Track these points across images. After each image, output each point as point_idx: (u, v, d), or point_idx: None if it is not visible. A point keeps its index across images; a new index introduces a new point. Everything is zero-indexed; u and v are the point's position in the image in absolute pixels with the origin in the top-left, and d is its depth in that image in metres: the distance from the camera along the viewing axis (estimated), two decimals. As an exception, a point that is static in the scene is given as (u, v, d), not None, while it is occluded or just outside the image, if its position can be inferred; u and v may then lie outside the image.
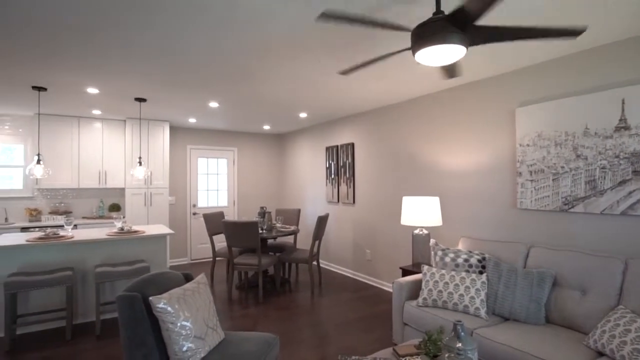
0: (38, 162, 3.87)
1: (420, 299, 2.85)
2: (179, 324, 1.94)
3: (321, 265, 6.24)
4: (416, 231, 3.66)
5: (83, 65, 3.15)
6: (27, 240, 3.49)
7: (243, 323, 3.74)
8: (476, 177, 3.68)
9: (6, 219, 5.25)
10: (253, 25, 2.36)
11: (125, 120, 5.72)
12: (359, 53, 2.86)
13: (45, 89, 3.88)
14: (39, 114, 4.22)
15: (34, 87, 3.82)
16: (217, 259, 6.74)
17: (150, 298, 1.94)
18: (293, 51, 2.83)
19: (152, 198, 5.75)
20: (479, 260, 2.92)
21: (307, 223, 6.72)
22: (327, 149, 6.10)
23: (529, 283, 2.55)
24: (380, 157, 4.98)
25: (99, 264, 3.76)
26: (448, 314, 2.67)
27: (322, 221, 4.82)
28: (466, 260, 2.94)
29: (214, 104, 4.68)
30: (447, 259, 3.02)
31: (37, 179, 5.13)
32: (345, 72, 2.23)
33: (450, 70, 2.32)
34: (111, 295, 3.95)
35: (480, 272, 2.88)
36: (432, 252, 3.17)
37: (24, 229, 4.87)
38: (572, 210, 2.86)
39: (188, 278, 2.45)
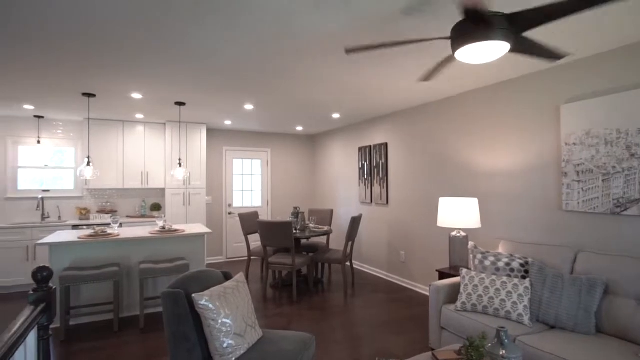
0: (88, 164, 4.12)
1: (458, 303, 2.78)
2: (220, 321, 2.00)
3: (354, 266, 6.22)
4: (453, 233, 3.57)
5: (128, 72, 3.32)
6: (79, 238, 3.73)
7: (278, 322, 3.80)
8: (517, 177, 3.53)
9: (59, 217, 5.63)
10: (288, 29, 2.39)
11: (165, 124, 5.97)
12: (389, 52, 2.83)
13: (94, 95, 4.12)
14: (88, 119, 4.50)
15: (84, 94, 4.07)
16: (251, 257, 6.88)
17: (193, 295, 2.01)
18: (326, 52, 2.84)
19: (190, 198, 5.97)
20: (521, 265, 2.80)
21: (340, 223, 6.72)
22: (360, 149, 6.07)
23: (577, 290, 2.41)
24: (415, 157, 4.90)
25: (142, 261, 3.96)
26: (489, 319, 2.59)
27: (355, 222, 4.80)
28: (507, 264, 2.83)
29: (249, 106, 4.79)
30: (487, 263, 2.92)
31: (86, 180, 5.47)
32: (350, 51, 2.11)
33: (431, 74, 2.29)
34: (154, 291, 4.14)
35: (523, 277, 2.77)
36: (471, 255, 3.08)
37: (75, 227, 5.20)
38: (624, 213, 2.68)
39: (227, 276, 2.52)
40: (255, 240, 6.91)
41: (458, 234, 3.54)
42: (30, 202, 5.48)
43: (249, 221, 5.48)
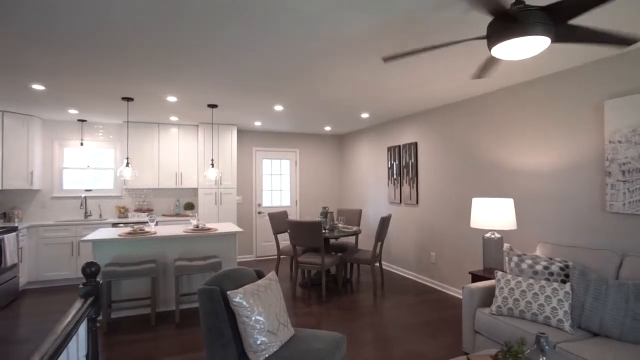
0: (127, 165, 4.32)
1: (493, 307, 2.70)
2: (253, 318, 2.05)
3: (383, 266, 6.16)
4: (487, 235, 3.47)
5: (164, 76, 3.46)
6: (119, 235, 3.91)
7: (307, 320, 3.83)
8: (555, 177, 3.38)
9: (100, 215, 5.93)
10: (318, 30, 2.41)
11: (198, 125, 6.16)
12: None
13: (132, 99, 4.32)
14: (127, 122, 4.71)
15: (123, 98, 4.27)
16: (281, 256, 6.97)
17: (228, 292, 2.07)
18: (357, 53, 2.84)
19: (221, 197, 6.13)
20: (561, 268, 2.69)
21: (369, 223, 6.69)
22: (389, 149, 6.01)
23: (624, 296, 2.29)
24: (446, 157, 4.79)
25: (177, 258, 4.10)
26: (526, 324, 2.50)
27: (384, 222, 4.77)
28: (546, 268, 2.72)
29: (278, 107, 4.86)
30: (524, 266, 2.82)
31: (125, 180, 5.73)
32: (388, 59, 2.11)
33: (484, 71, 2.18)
34: (188, 287, 4.28)
35: (563, 282, 2.65)
36: (506, 258, 2.98)
37: (114, 225, 5.46)
38: (677, 215, 2.51)
39: (259, 275, 2.57)
40: (284, 239, 7.00)
41: (492, 236, 3.44)
42: (74, 200, 5.80)
43: (279, 221, 5.56)
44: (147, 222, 5.58)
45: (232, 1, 2.03)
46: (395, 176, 5.86)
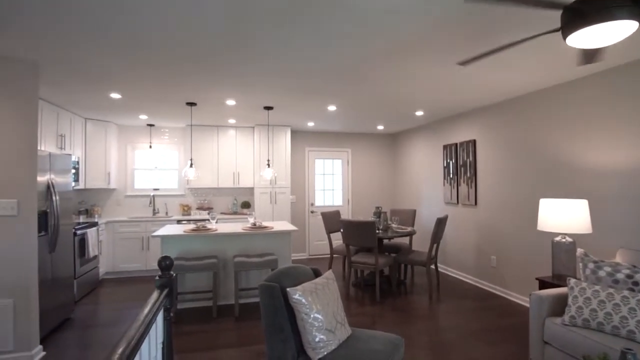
0: (191, 165, 4.60)
1: (566, 317, 2.50)
2: (312, 315, 2.09)
3: (439, 269, 5.96)
4: (557, 238, 3.22)
5: (225, 82, 3.64)
6: (184, 231, 4.19)
7: (361, 320, 3.82)
8: (639, 176, 3.05)
9: (166, 213, 6.39)
10: (376, 30, 2.39)
11: (254, 127, 6.40)
12: (481, 47, 2.65)
13: (195, 104, 4.60)
14: (191, 125, 5.02)
15: (187, 103, 4.56)
16: (333, 256, 7.03)
17: (288, 289, 2.13)
18: (412, 50, 2.77)
19: (276, 197, 6.31)
20: (647, 278, 2.41)
21: (423, 224, 6.50)
22: (445, 147, 5.80)
23: None
24: (508, 155, 4.52)
25: (236, 254, 4.30)
26: (606, 338, 2.28)
27: (441, 223, 4.61)
28: (629, 277, 2.46)
29: (332, 107, 4.89)
30: (602, 273, 2.57)
31: (188, 179, 6.11)
32: (464, 63, 2.06)
33: (590, 55, 1.97)
34: (246, 282, 4.46)
35: (650, 292, 2.38)
36: (580, 264, 2.74)
37: (179, 222, 5.85)
38: None
39: (316, 273, 2.61)
40: (337, 239, 7.03)
41: (563, 240, 3.18)
42: (144, 199, 6.31)
43: (331, 220, 5.60)
44: (208, 220, 5.91)
45: (293, 8, 2.09)
46: (451, 175, 5.64)
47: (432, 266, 5.87)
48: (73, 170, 4.98)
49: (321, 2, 2.04)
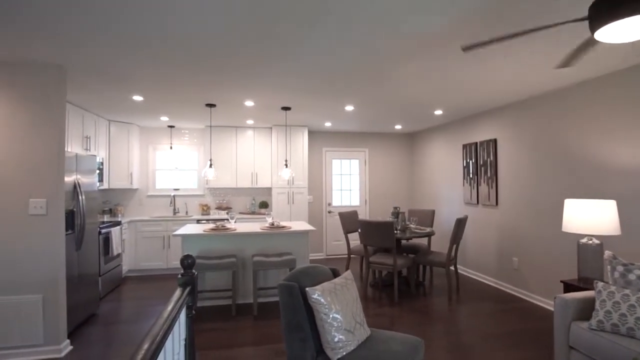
0: (210, 166, 4.67)
1: (593, 321, 2.42)
2: (331, 315, 2.09)
3: (458, 270, 5.86)
4: (583, 240, 3.11)
5: (243, 83, 3.68)
6: (204, 231, 4.26)
7: (380, 321, 3.79)
8: (673, 176, 2.92)
9: (186, 212, 6.51)
10: (395, 30, 2.37)
11: (271, 128, 6.45)
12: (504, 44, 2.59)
13: (215, 106, 4.67)
14: (210, 126, 5.10)
15: (207, 105, 4.64)
16: (351, 256, 7.02)
17: (307, 289, 2.14)
18: (434, 48, 2.74)
19: (293, 197, 6.34)
20: (681, 282, 2.31)
21: (441, 225, 6.41)
22: (464, 146, 5.70)
23: None
24: (530, 154, 4.40)
25: (255, 254, 4.34)
26: (636, 344, 2.19)
27: (461, 224, 4.54)
28: (661, 280, 2.36)
29: (349, 107, 4.88)
30: (632, 277, 2.48)
31: (207, 180, 6.21)
32: (467, 48, 1.96)
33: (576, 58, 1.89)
34: (264, 281, 4.50)
35: (684, 297, 2.28)
36: (608, 267, 2.65)
37: (198, 221, 5.95)
38: None
39: (335, 273, 2.61)
40: (354, 239, 7.01)
41: (589, 241, 3.08)
42: (165, 199, 6.44)
43: (349, 220, 5.59)
44: (227, 219, 5.99)
45: (312, 8, 2.10)
46: (471, 175, 5.54)
47: (452, 267, 5.79)
48: (97, 171, 5.14)
49: (345, 1, 2.04)
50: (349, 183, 7.30)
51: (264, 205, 6.64)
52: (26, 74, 3.03)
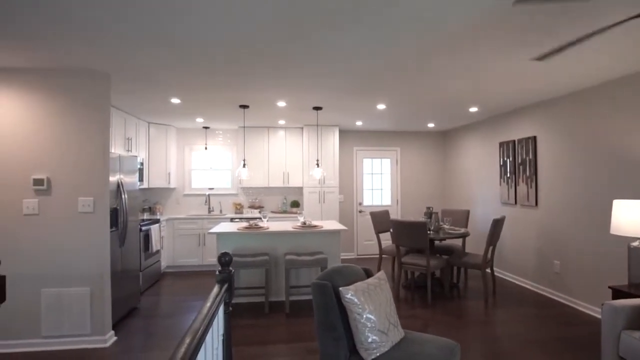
0: (244, 166, 4.78)
1: (646, 330, 2.26)
2: (364, 316, 2.08)
3: (495, 273, 5.67)
4: (634, 243, 2.92)
5: (277, 84, 3.74)
6: (238, 229, 4.36)
7: (413, 323, 3.74)
8: None
9: (221, 211, 6.70)
10: (431, 25, 2.33)
11: (302, 127, 6.50)
12: (552, 37, 2.47)
13: (248, 107, 4.77)
14: (244, 127, 5.22)
15: (240, 106, 4.75)
16: (383, 256, 6.95)
17: (340, 288, 2.14)
18: (471, 43, 2.66)
19: (324, 196, 6.36)
20: None
21: (476, 225, 6.21)
22: (501, 144, 5.49)
23: None
24: (573, 152, 4.17)
25: (287, 252, 4.39)
26: (695, 356, 2.03)
27: (497, 224, 4.38)
28: None
29: (381, 106, 4.84)
30: (690, 284, 2.29)
31: (240, 179, 6.36)
32: (541, 58, 1.94)
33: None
34: (296, 280, 4.55)
35: None
36: (663, 273, 2.47)
37: (232, 220, 6.10)
38: None
39: (368, 273, 2.60)
40: (386, 239, 6.93)
41: (641, 245, 2.88)
42: (200, 198, 6.66)
43: (381, 220, 5.54)
44: (260, 218, 6.11)
45: (350, 6, 2.10)
46: (509, 174, 5.33)
47: (488, 270, 5.60)
48: (138, 171, 5.39)
49: None
50: (380, 182, 7.23)
51: (296, 204, 6.71)
52: (75, 81, 3.23)
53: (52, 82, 3.20)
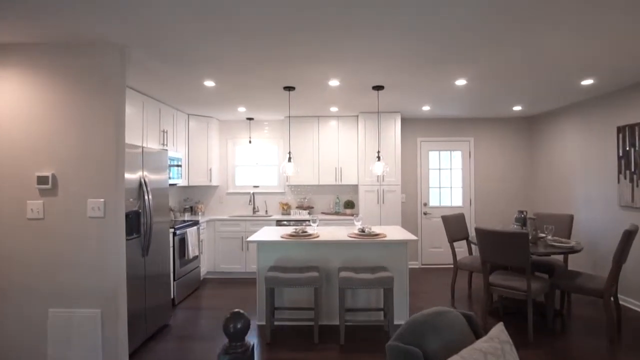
0: (289, 160, 4.01)
1: None
2: (486, 418, 1.17)
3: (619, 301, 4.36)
4: None
5: (326, 59, 2.92)
6: (282, 237, 3.60)
7: (516, 374, 2.70)
8: None
9: (266, 211, 6.03)
10: None
11: (357, 116, 5.61)
12: None
13: (294, 88, 3.98)
14: (289, 117, 4.48)
15: (284, 88, 3.97)
16: (458, 269, 5.84)
17: (439, 363, 1.25)
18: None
19: (384, 195, 5.42)
20: None
21: (578, 234, 4.90)
22: (620, 129, 4.18)
23: None
24: None
25: (341, 267, 3.55)
26: None
27: (629, 237, 3.18)
28: None
29: (461, 82, 3.78)
30: None
31: (287, 176, 5.62)
32: None
33: None
34: (352, 301, 3.70)
35: None
36: None
37: (278, 222, 5.38)
38: None
39: (469, 320, 1.67)
40: (459, 247, 5.80)
41: None
42: (244, 196, 6.04)
43: (455, 225, 4.50)
44: (308, 222, 5.33)
45: None
46: (632, 169, 4.02)
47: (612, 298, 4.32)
48: (176, 167, 4.85)
49: None
50: (449, 179, 6.10)
51: (350, 205, 5.83)
52: (82, 55, 2.63)
53: (57, 60, 2.62)
